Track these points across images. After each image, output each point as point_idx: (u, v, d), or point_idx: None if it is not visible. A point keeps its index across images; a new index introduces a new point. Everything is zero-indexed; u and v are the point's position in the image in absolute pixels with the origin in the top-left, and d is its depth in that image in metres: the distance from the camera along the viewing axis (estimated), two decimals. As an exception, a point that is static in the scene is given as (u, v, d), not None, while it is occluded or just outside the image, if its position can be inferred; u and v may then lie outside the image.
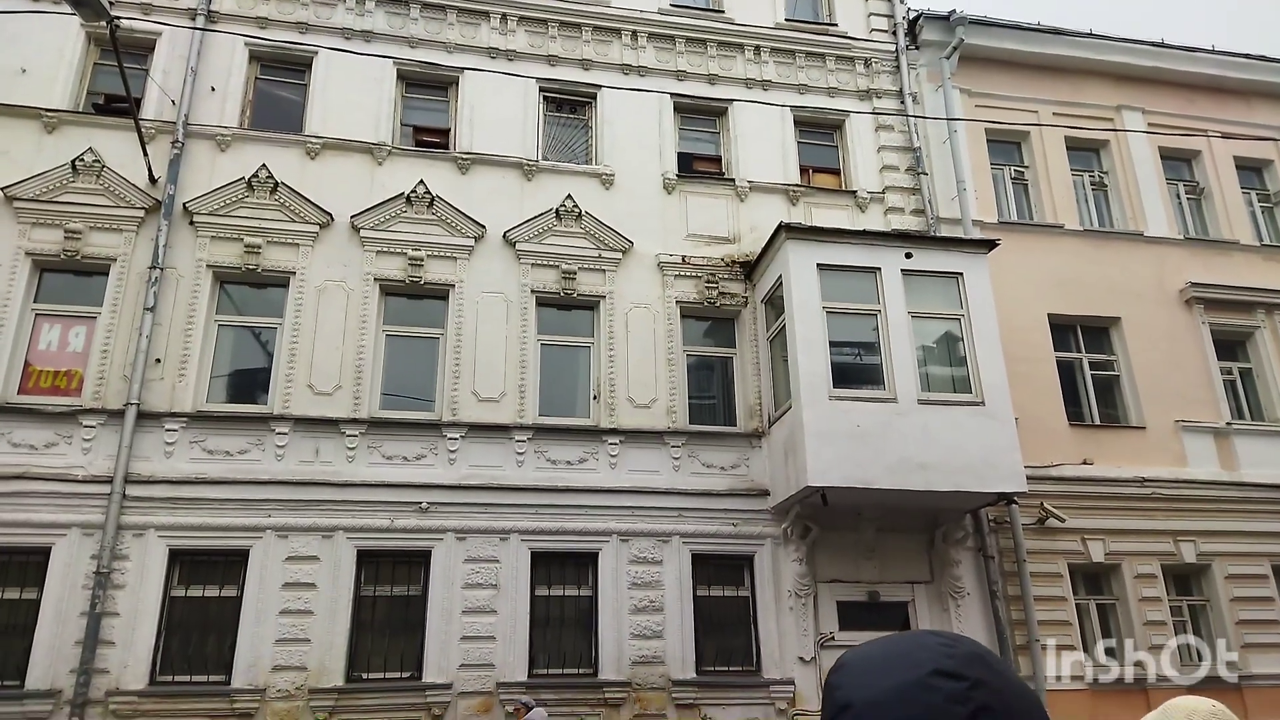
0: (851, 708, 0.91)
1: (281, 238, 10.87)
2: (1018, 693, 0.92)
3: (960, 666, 0.90)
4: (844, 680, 0.95)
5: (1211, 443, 12.38)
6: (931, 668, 0.90)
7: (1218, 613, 11.65)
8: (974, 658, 0.93)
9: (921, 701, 0.88)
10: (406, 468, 10.31)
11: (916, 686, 0.89)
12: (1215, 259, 13.51)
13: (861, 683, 0.93)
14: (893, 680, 0.91)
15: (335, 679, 9.38)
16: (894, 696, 0.89)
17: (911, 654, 0.94)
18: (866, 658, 0.97)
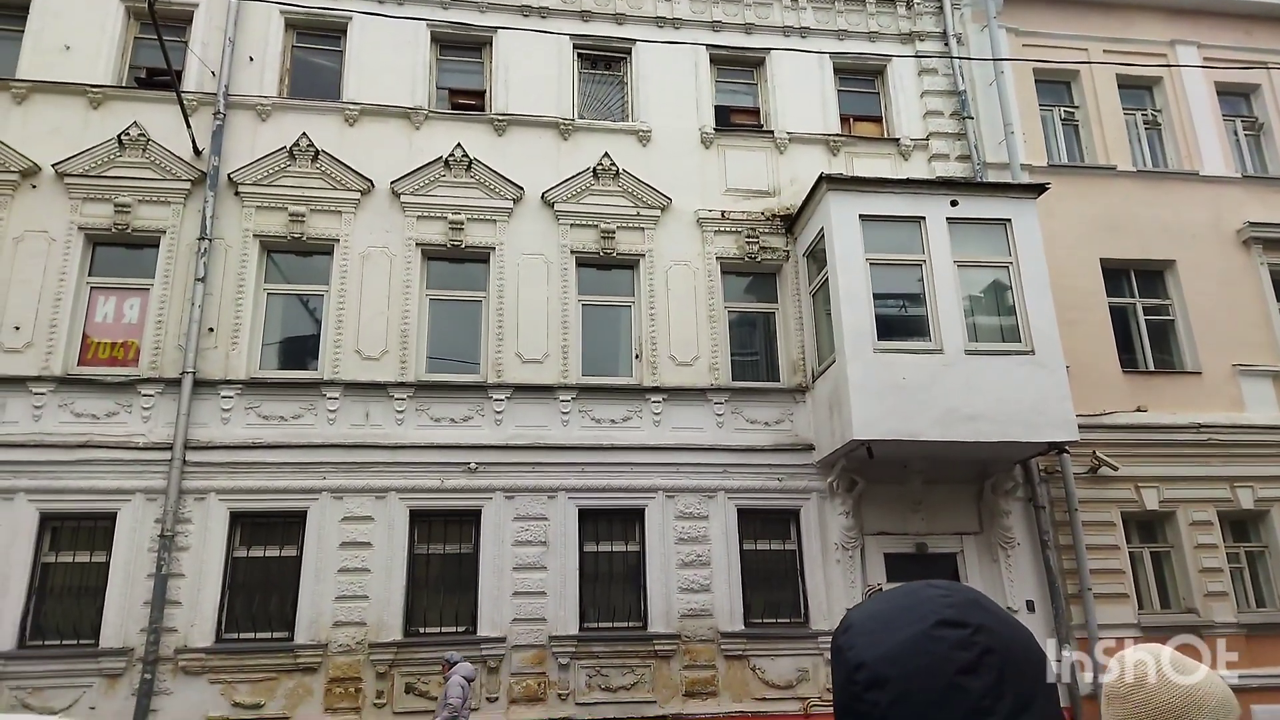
0: (865, 665, 0.95)
1: (324, 205, 11.00)
2: (1015, 632, 0.98)
3: (961, 614, 0.96)
4: (854, 640, 0.99)
5: (1270, 386, 12.05)
6: (935, 619, 0.95)
7: (1276, 558, 11.43)
8: (972, 604, 0.98)
9: (930, 651, 0.93)
10: (454, 429, 10.47)
11: (924, 638, 0.94)
12: (1275, 197, 13.02)
13: (871, 641, 0.97)
14: (901, 635, 0.96)
15: (394, 634, 9.67)
16: (904, 650, 0.94)
17: (914, 607, 0.98)
18: (872, 616, 1.01)
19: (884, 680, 0.94)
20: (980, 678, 0.92)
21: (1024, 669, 0.95)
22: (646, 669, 10.00)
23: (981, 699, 0.91)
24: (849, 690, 0.96)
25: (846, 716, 0.97)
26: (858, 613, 1.04)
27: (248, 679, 9.32)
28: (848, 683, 0.97)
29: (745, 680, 10.10)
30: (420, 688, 9.55)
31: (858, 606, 1.06)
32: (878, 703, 0.93)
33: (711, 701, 9.96)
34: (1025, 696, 0.93)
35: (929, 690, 0.91)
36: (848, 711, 0.97)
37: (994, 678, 0.92)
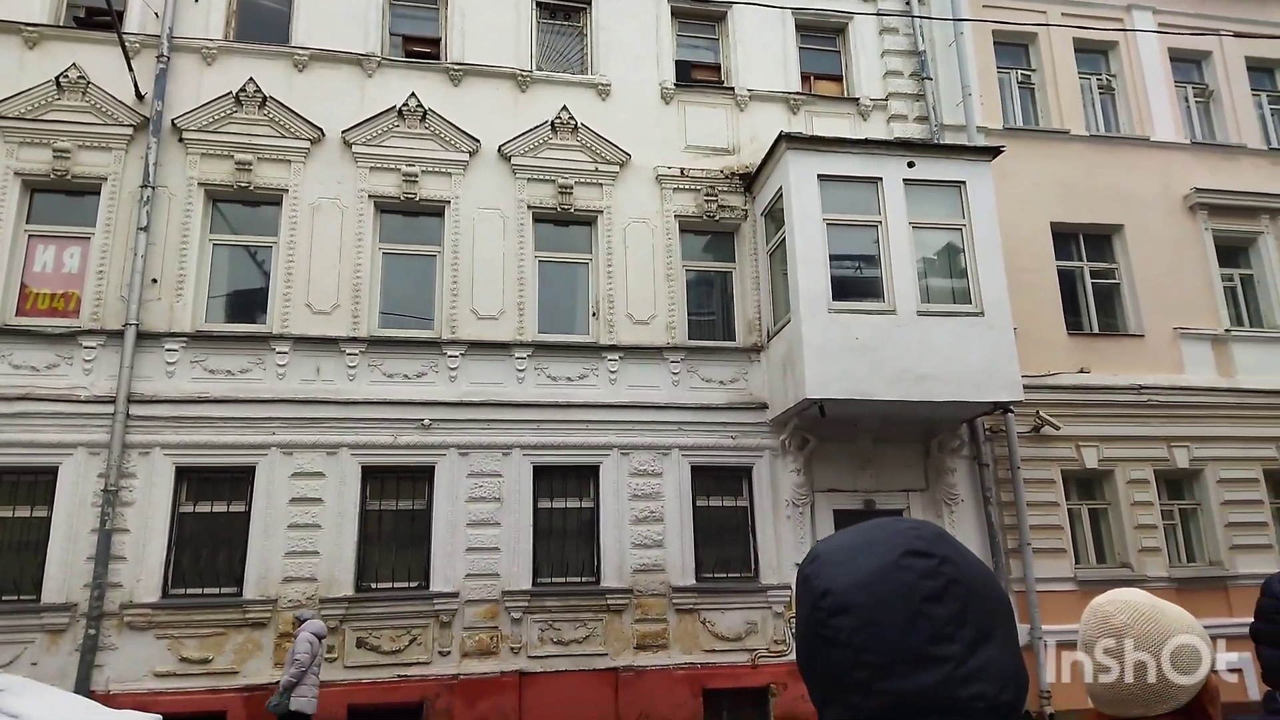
0: (832, 593, 0.96)
1: (272, 154, 10.70)
2: (979, 567, 1.01)
3: (929, 545, 0.97)
4: (820, 569, 1.00)
5: (1209, 350, 12.41)
6: (904, 549, 0.97)
7: (1208, 516, 11.88)
8: (939, 537, 1.00)
9: (899, 579, 0.94)
10: (408, 385, 10.39)
11: (892, 567, 0.96)
12: (1221, 164, 13.29)
13: (838, 570, 0.98)
14: (869, 563, 0.97)
15: (345, 589, 9.66)
16: (872, 578, 0.95)
17: (883, 539, 0.99)
18: (839, 547, 1.02)
19: (850, 606, 0.95)
20: (945, 606, 0.94)
21: (986, 602, 0.97)
22: (599, 622, 10.14)
23: (945, 626, 0.93)
24: (815, 616, 0.97)
25: (811, 642, 0.98)
26: (825, 545, 1.04)
27: (195, 634, 9.27)
28: (814, 609, 0.98)
29: (695, 633, 10.29)
30: (372, 642, 9.58)
31: (825, 540, 1.06)
32: (842, 628, 0.94)
33: (662, 654, 10.15)
34: (987, 627, 0.95)
35: (894, 616, 0.93)
36: (813, 637, 0.98)
37: (958, 607, 0.94)
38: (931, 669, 0.91)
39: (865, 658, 0.93)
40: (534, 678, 9.81)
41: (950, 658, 0.92)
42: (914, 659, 0.92)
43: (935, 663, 0.92)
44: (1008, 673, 0.95)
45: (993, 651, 0.94)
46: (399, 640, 9.65)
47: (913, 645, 0.92)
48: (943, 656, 0.92)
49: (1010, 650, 0.97)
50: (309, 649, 8.29)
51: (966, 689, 0.91)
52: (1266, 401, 12.18)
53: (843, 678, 0.94)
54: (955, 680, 0.91)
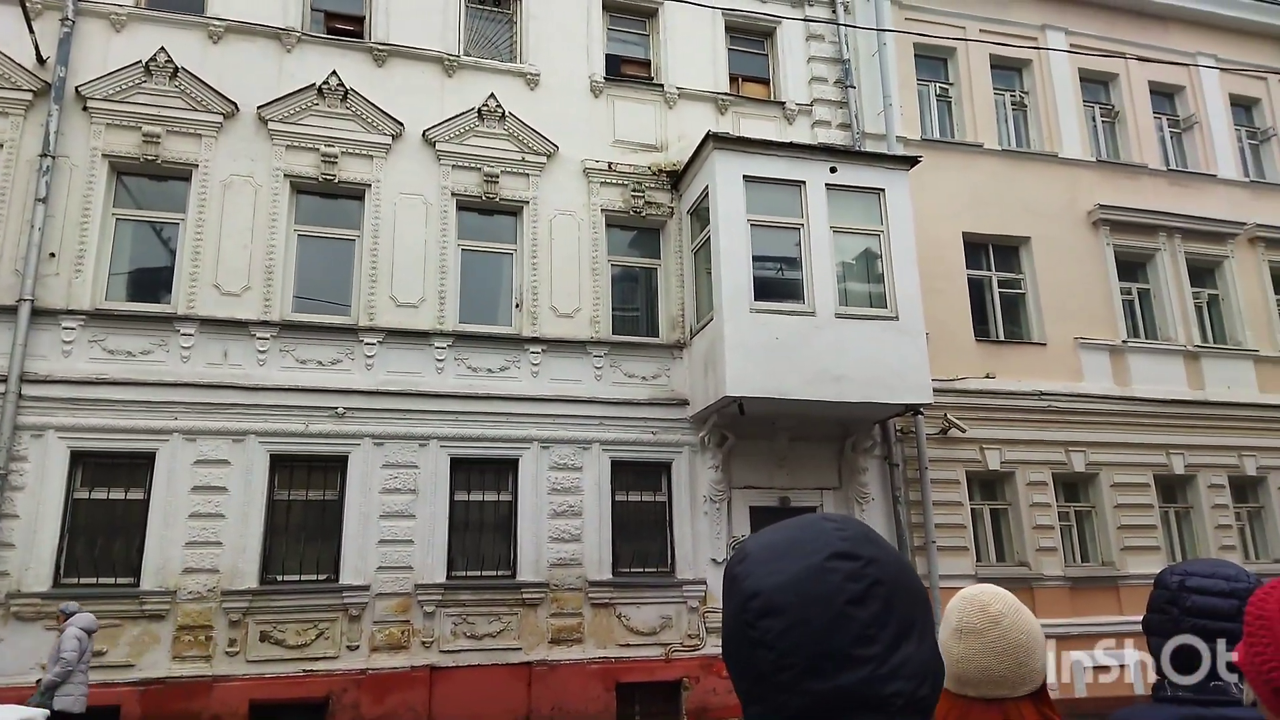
0: (760, 594, 0.98)
1: (182, 127, 10.26)
2: (901, 565, 1.03)
3: (854, 547, 1.00)
4: (749, 569, 1.01)
5: (1107, 359, 13.04)
6: (829, 551, 0.99)
7: (1101, 518, 12.48)
8: (864, 538, 1.02)
9: (824, 581, 0.97)
10: (321, 372, 10.10)
11: (818, 569, 0.98)
12: (1124, 182, 13.96)
13: (766, 570, 1.00)
14: (796, 565, 0.99)
15: (249, 581, 9.35)
16: (799, 580, 0.97)
17: (809, 540, 1.01)
18: (768, 546, 1.04)
19: (778, 608, 0.97)
20: (867, 607, 0.96)
21: (907, 600, 1.00)
22: (514, 617, 10.07)
23: (867, 627, 0.95)
24: (743, 617, 0.99)
25: (738, 644, 1.00)
26: (754, 543, 1.06)
27: (88, 627, 8.82)
28: (742, 610, 0.99)
29: (611, 627, 10.31)
30: (277, 636, 9.30)
31: (754, 536, 1.08)
32: (770, 629, 0.96)
33: (577, 648, 10.13)
34: (906, 625, 0.98)
35: (819, 619, 0.95)
36: (741, 638, 0.99)
37: (880, 607, 0.97)
38: (855, 669, 0.94)
39: (791, 659, 0.95)
40: (445, 672, 9.68)
41: (873, 657, 0.95)
42: (838, 659, 0.94)
43: (858, 663, 0.94)
44: (925, 668, 0.98)
45: (911, 648, 0.97)
46: (305, 634, 9.38)
47: (837, 646, 0.94)
48: (865, 656, 0.94)
49: (928, 645, 1.00)
50: (76, 646, 7.70)
51: (887, 686, 0.94)
52: (1158, 410, 12.87)
53: (769, 677, 0.96)
54: (877, 679, 0.94)
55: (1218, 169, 14.55)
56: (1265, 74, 15.21)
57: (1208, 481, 12.92)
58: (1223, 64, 14.94)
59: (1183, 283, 13.72)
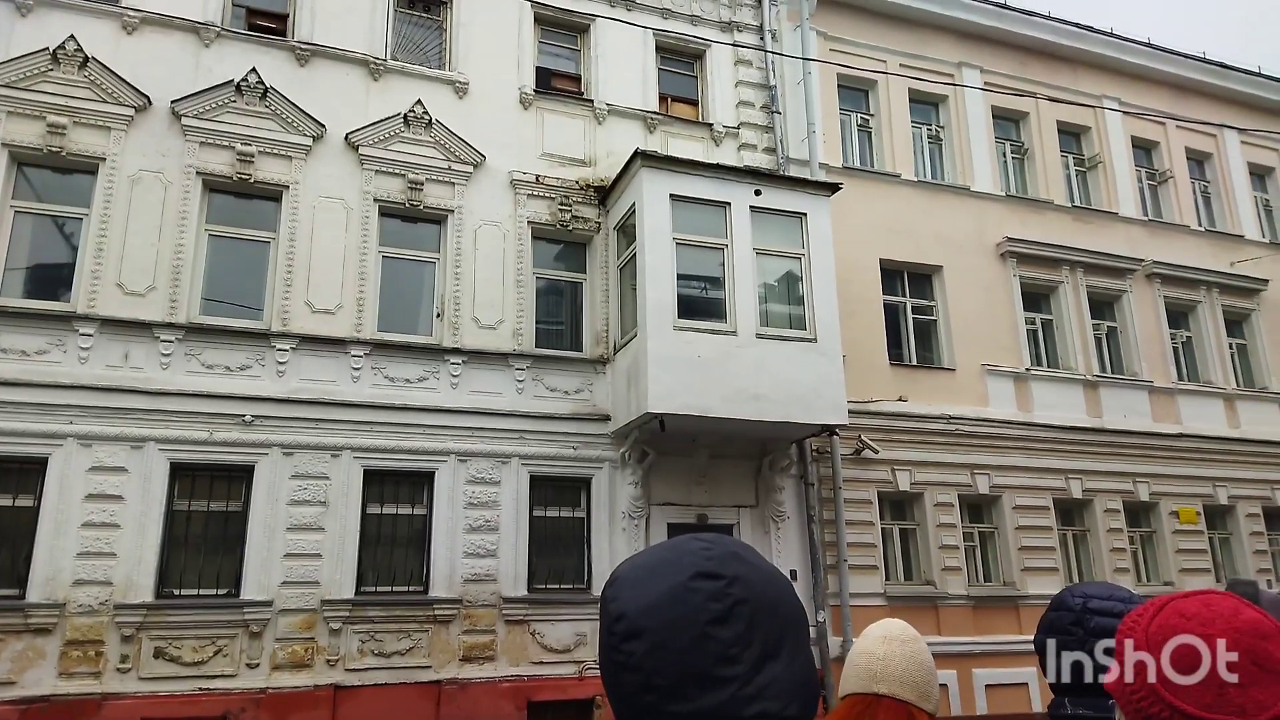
0: (625, 617, 0.99)
1: (90, 119, 9.81)
2: (770, 583, 1.03)
3: (718, 567, 1.00)
4: (618, 592, 1.02)
5: (1011, 386, 13.54)
6: (693, 571, 0.99)
7: (1004, 539, 12.92)
8: (730, 557, 1.02)
9: (686, 602, 0.97)
10: (229, 378, 9.75)
11: (680, 589, 0.98)
12: (1031, 216, 14.57)
13: (632, 593, 1.01)
14: (660, 587, 0.99)
15: (144, 595, 8.91)
16: (661, 602, 0.98)
17: (676, 560, 1.02)
18: (636, 568, 1.05)
19: (640, 631, 0.97)
20: (730, 627, 0.96)
21: (774, 620, 1.00)
22: (424, 634, 9.85)
23: (730, 647, 0.95)
24: (609, 641, 1.00)
25: (607, 667, 1.01)
26: (625, 566, 1.06)
27: (-36, 642, 8.29)
28: (609, 634, 1.01)
29: (524, 644, 10.18)
30: (172, 652, 8.88)
31: (628, 560, 1.08)
32: (634, 652, 0.97)
33: (489, 666, 9.97)
34: (773, 645, 0.98)
35: (681, 640, 0.95)
36: (607, 661, 1.01)
37: (743, 627, 0.96)
38: (717, 690, 0.94)
39: (655, 680, 0.95)
40: (351, 691, 9.39)
41: (735, 678, 0.94)
42: (700, 680, 0.94)
43: (721, 683, 0.94)
44: (793, 688, 0.98)
45: (779, 669, 0.97)
46: (203, 651, 8.99)
47: (699, 667, 0.94)
48: (728, 677, 0.94)
49: (798, 665, 1.00)
50: None
51: (751, 707, 0.94)
52: (1058, 436, 13.42)
53: (635, 700, 0.97)
54: (740, 699, 0.94)
55: (1119, 207, 15.31)
56: (1164, 119, 16.12)
57: (1104, 506, 13.52)
58: (1126, 107, 15.78)
59: (1084, 314, 14.37)
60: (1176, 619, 1.11)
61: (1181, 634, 1.08)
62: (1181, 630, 1.09)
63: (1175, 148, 16.25)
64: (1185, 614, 1.11)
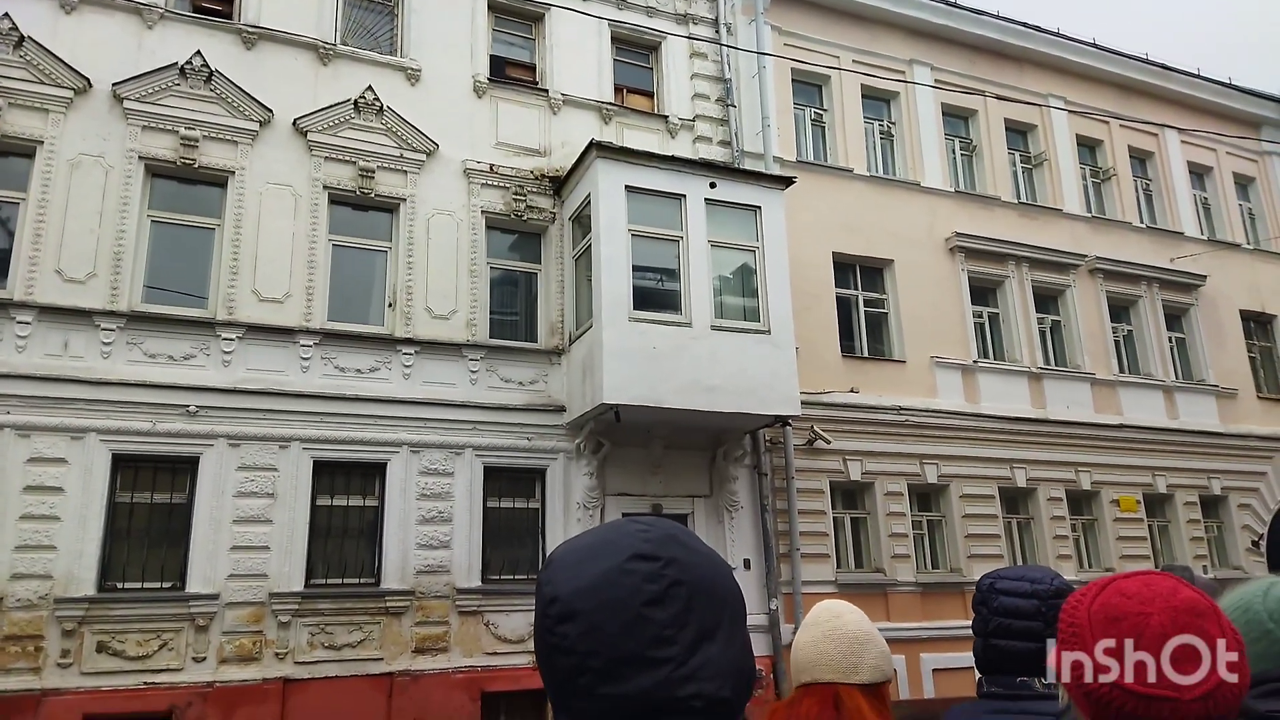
0: (559, 600, 0.98)
1: (26, 101, 9.50)
2: (708, 565, 1.02)
3: (655, 548, 0.99)
4: (553, 575, 1.01)
5: (959, 378, 13.80)
6: (630, 552, 0.98)
7: (951, 527, 13.18)
8: (668, 539, 1.01)
9: (621, 584, 0.96)
10: (173, 367, 9.53)
11: (616, 571, 0.97)
12: (979, 212, 14.85)
13: (567, 575, 1.00)
14: (595, 568, 0.98)
15: (85, 588, 8.69)
16: (596, 584, 0.97)
17: (612, 542, 1.01)
18: (572, 550, 1.04)
19: (574, 613, 0.96)
20: (665, 609, 0.95)
21: (711, 601, 0.99)
22: (376, 626, 9.74)
23: (665, 629, 0.95)
24: (544, 624, 0.99)
25: (542, 651, 1.00)
26: (562, 549, 1.05)
27: (-108, 640, 8.00)
28: (543, 616, 0.99)
29: (478, 635, 10.13)
30: (115, 646, 8.67)
31: (565, 543, 1.07)
32: (567, 635, 0.96)
33: (442, 657, 9.90)
34: (709, 626, 0.97)
35: (615, 622, 0.94)
36: (542, 644, 0.99)
37: (679, 608, 0.96)
38: (650, 671, 0.93)
39: (589, 663, 0.94)
40: (300, 685, 9.26)
41: (670, 659, 0.94)
42: (634, 662, 0.94)
43: (654, 665, 0.93)
44: (728, 670, 0.97)
45: (714, 650, 0.97)
46: (147, 645, 8.79)
47: (632, 649, 0.94)
48: (662, 658, 0.94)
49: (734, 648, 0.99)
50: None
51: (684, 689, 0.93)
52: (1004, 427, 13.72)
53: (569, 683, 0.96)
54: (673, 681, 0.93)
55: (1064, 204, 15.67)
56: (1108, 118, 16.53)
57: (1047, 494, 13.85)
58: (1071, 106, 16.15)
59: (1029, 308, 14.70)
60: (1118, 598, 1.14)
61: (1122, 612, 1.12)
62: (1122, 609, 1.13)
63: (1119, 146, 16.67)
64: (1126, 593, 1.15)
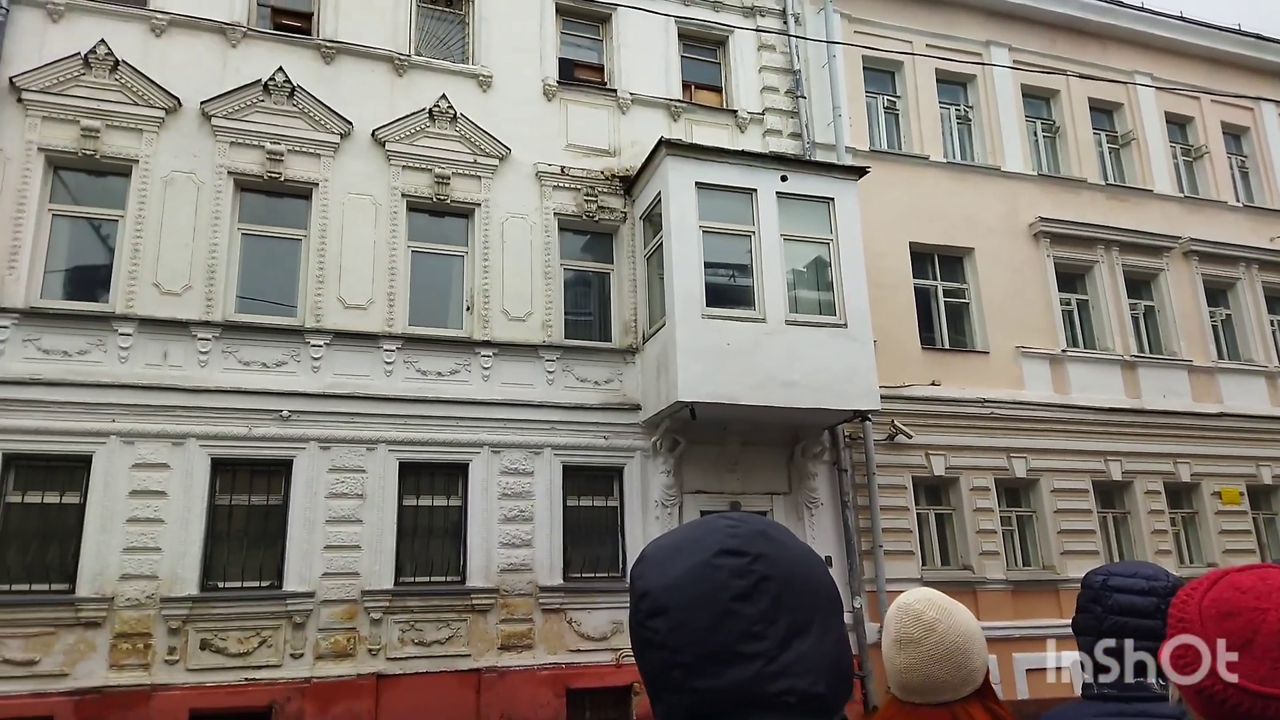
0: (649, 595, 1.00)
1: (122, 122, 9.97)
2: (799, 561, 1.02)
3: (743, 544, 1.00)
4: (644, 571, 1.03)
5: (1047, 368, 13.37)
6: (717, 548, 0.99)
7: (1042, 523, 12.78)
8: (756, 534, 1.02)
9: (709, 579, 0.97)
10: (266, 374, 9.89)
11: (704, 566, 0.98)
12: (1064, 196, 14.35)
13: (657, 571, 1.01)
14: (684, 564, 1.00)
15: (189, 588, 9.09)
16: (684, 579, 0.98)
17: (700, 538, 1.02)
18: (662, 547, 1.05)
19: (665, 608, 0.98)
20: (754, 604, 0.96)
21: (802, 596, 0.99)
22: (463, 623, 9.94)
23: (754, 624, 0.95)
24: (635, 618, 1.01)
25: (634, 642, 1.02)
26: (653, 545, 1.07)
27: (20, 634, 8.47)
28: (635, 611, 1.01)
29: (561, 633, 10.25)
30: (218, 644, 9.05)
31: (655, 540, 1.09)
32: (658, 629, 0.97)
33: (527, 654, 10.04)
34: (801, 622, 0.98)
35: (703, 617, 0.96)
36: (636, 639, 1.01)
37: (768, 604, 0.96)
38: (741, 666, 0.94)
39: (679, 657, 0.95)
40: (392, 680, 9.51)
41: (760, 654, 0.94)
42: (724, 657, 0.94)
43: (745, 660, 0.94)
44: (823, 666, 0.97)
45: (807, 646, 0.97)
46: (248, 642, 9.15)
47: (722, 643, 0.95)
48: (752, 654, 0.94)
49: (828, 643, 0.99)
50: None
51: (776, 684, 0.94)
52: (1096, 418, 13.23)
53: (661, 677, 0.98)
54: (765, 676, 0.94)
55: (1154, 184, 15.04)
56: (1198, 94, 15.79)
57: (1144, 488, 13.32)
58: (1159, 83, 15.47)
59: (1120, 294, 14.15)
60: (1231, 592, 1.09)
61: (1236, 607, 1.06)
62: (1237, 604, 1.07)
63: (1211, 122, 15.92)
64: (1240, 587, 1.09)
